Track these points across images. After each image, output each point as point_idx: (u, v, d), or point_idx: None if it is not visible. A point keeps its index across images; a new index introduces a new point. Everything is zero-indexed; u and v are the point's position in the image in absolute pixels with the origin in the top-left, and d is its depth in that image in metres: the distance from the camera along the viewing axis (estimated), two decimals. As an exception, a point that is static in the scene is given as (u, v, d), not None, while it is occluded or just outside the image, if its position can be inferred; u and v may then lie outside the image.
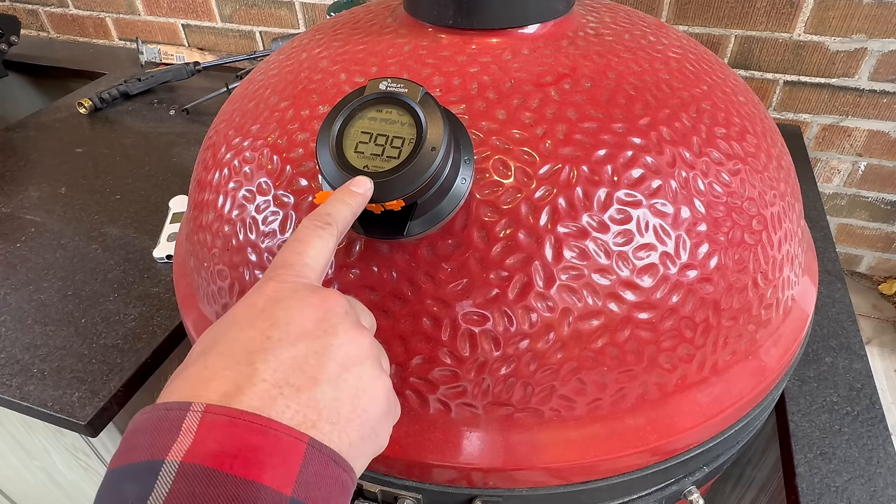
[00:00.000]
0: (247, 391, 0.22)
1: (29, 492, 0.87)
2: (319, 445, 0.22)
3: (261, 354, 0.23)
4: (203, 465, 0.20)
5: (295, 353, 0.23)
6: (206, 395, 0.22)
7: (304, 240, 0.27)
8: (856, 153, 0.97)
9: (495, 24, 0.38)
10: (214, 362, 0.23)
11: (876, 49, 0.86)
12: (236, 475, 0.20)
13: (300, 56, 0.43)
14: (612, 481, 0.36)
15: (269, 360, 0.23)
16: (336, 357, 0.24)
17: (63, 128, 1.04)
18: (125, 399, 0.59)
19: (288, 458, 0.21)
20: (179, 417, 0.21)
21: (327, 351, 0.24)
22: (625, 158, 0.34)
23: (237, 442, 0.20)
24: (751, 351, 0.38)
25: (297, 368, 0.23)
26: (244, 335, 0.24)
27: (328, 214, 0.27)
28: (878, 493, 0.51)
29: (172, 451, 0.20)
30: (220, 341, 0.24)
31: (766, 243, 0.37)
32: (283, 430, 0.21)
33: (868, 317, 1.02)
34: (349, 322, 0.25)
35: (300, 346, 0.23)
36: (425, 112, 0.29)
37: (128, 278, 0.70)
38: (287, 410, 0.22)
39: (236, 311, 0.25)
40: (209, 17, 1.22)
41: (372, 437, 0.25)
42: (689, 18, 0.92)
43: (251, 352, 0.23)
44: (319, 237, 0.27)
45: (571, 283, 0.32)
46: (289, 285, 0.25)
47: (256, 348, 0.23)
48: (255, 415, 0.21)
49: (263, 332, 0.23)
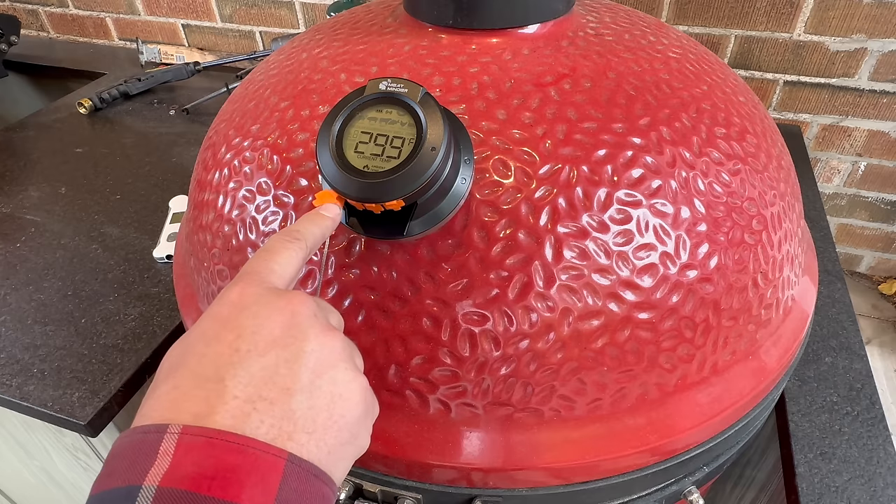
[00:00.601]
0: (218, 410, 0.21)
1: (29, 492, 0.87)
2: (298, 461, 0.22)
3: (230, 370, 0.22)
4: (181, 488, 0.19)
5: (265, 364, 0.23)
6: (178, 416, 0.21)
7: (272, 249, 0.27)
8: (856, 153, 0.97)
9: (495, 24, 0.38)
10: (184, 381, 0.22)
11: (876, 49, 0.86)
12: (215, 496, 0.19)
13: (300, 56, 0.43)
14: (612, 481, 0.36)
15: (239, 374, 0.22)
16: (308, 364, 0.24)
17: (63, 128, 1.04)
18: (125, 399, 0.59)
19: (267, 477, 0.21)
20: (156, 440, 0.20)
21: (299, 358, 0.23)
22: (625, 158, 0.34)
23: (214, 462, 0.20)
24: (751, 351, 0.38)
25: (269, 380, 0.23)
26: (211, 350, 0.23)
27: (297, 231, 0.28)
28: (878, 493, 0.51)
29: (150, 476, 0.20)
30: (188, 357, 0.23)
31: (766, 243, 0.37)
32: (261, 448, 0.21)
33: (868, 317, 1.02)
34: (319, 325, 0.25)
35: (270, 357, 0.23)
36: (425, 112, 0.29)
37: (128, 278, 0.70)
38: (262, 426, 0.22)
39: (202, 323, 0.24)
40: (209, 17, 1.22)
41: (351, 441, 0.25)
42: (689, 18, 0.92)
43: (219, 367, 0.22)
44: (287, 248, 0.27)
45: (571, 283, 0.32)
46: (254, 289, 0.25)
47: (225, 363, 0.22)
48: (231, 434, 0.21)
49: (231, 345, 0.23)
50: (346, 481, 0.38)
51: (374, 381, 0.34)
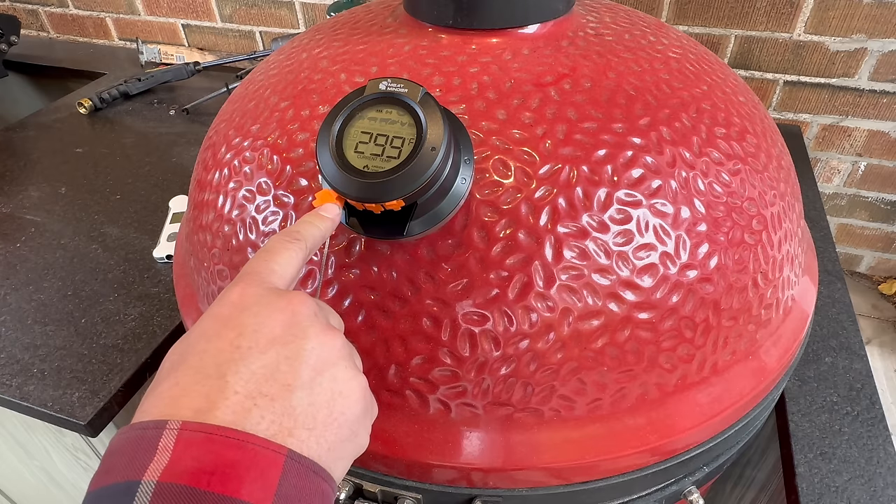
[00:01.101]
0: (219, 405, 0.21)
1: (29, 492, 0.87)
2: (298, 457, 0.22)
3: (231, 366, 0.22)
4: (180, 483, 0.19)
5: (266, 362, 0.23)
6: (178, 412, 0.21)
7: (272, 249, 0.27)
8: (856, 153, 0.97)
9: (495, 24, 0.38)
10: (184, 378, 0.22)
11: (876, 49, 0.86)
12: (214, 492, 0.19)
13: (300, 56, 0.43)
14: (612, 481, 0.36)
15: (240, 371, 0.22)
16: (309, 361, 0.24)
17: (63, 128, 1.04)
18: (125, 399, 0.59)
19: (266, 472, 0.21)
20: (156, 436, 0.20)
21: (299, 355, 0.24)
22: (625, 158, 0.34)
23: (214, 458, 0.20)
24: (751, 351, 0.38)
25: (270, 377, 0.23)
26: (212, 347, 0.23)
27: (297, 231, 0.28)
28: (878, 493, 0.51)
29: (149, 471, 0.20)
30: (189, 355, 0.23)
31: (766, 243, 0.37)
32: (261, 444, 0.21)
33: (868, 317, 1.02)
34: (319, 324, 0.25)
35: (271, 354, 0.23)
36: (425, 112, 0.29)
37: (128, 278, 0.70)
38: (262, 421, 0.22)
39: (203, 323, 0.24)
40: (209, 17, 1.22)
41: (351, 439, 0.25)
42: (689, 18, 0.92)
43: (221, 364, 0.22)
44: (287, 249, 0.27)
45: (571, 283, 0.32)
46: (254, 289, 0.25)
47: (226, 360, 0.23)
48: (230, 429, 0.21)
49: (232, 343, 0.23)
50: (345, 481, 0.38)
51: (374, 381, 0.34)
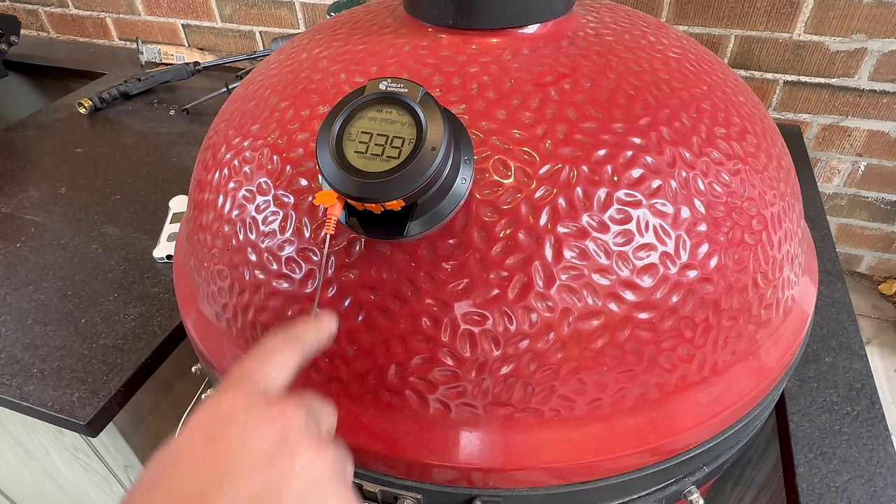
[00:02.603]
0: None
1: (29, 492, 0.87)
2: None
3: (214, 496, 0.21)
4: None
5: (251, 491, 0.22)
6: None
7: (268, 350, 0.26)
8: (856, 153, 0.97)
9: (495, 24, 0.38)
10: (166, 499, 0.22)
11: (876, 49, 0.86)
12: None
13: (300, 56, 0.43)
14: (612, 481, 0.36)
15: (222, 501, 0.21)
16: (298, 485, 0.23)
17: (63, 128, 1.04)
18: (125, 399, 0.59)
19: None
20: None
21: (286, 479, 0.23)
22: (625, 158, 0.34)
23: None
24: (751, 351, 0.38)
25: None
26: (195, 470, 0.22)
27: (295, 333, 0.28)
28: (878, 493, 0.51)
29: None
30: (173, 469, 0.23)
31: (766, 243, 0.37)
32: None
33: (868, 317, 1.02)
34: (310, 439, 0.24)
35: (257, 479, 0.22)
36: (425, 112, 0.29)
37: (128, 278, 0.70)
38: None
39: (190, 434, 0.24)
40: (209, 17, 1.22)
41: None
42: (689, 18, 0.92)
43: (204, 493, 0.22)
44: (283, 351, 0.27)
45: (571, 283, 0.32)
46: (245, 397, 0.24)
47: (209, 488, 0.22)
48: None
49: (216, 466, 0.22)
50: (346, 481, 0.38)
51: (375, 381, 0.34)
